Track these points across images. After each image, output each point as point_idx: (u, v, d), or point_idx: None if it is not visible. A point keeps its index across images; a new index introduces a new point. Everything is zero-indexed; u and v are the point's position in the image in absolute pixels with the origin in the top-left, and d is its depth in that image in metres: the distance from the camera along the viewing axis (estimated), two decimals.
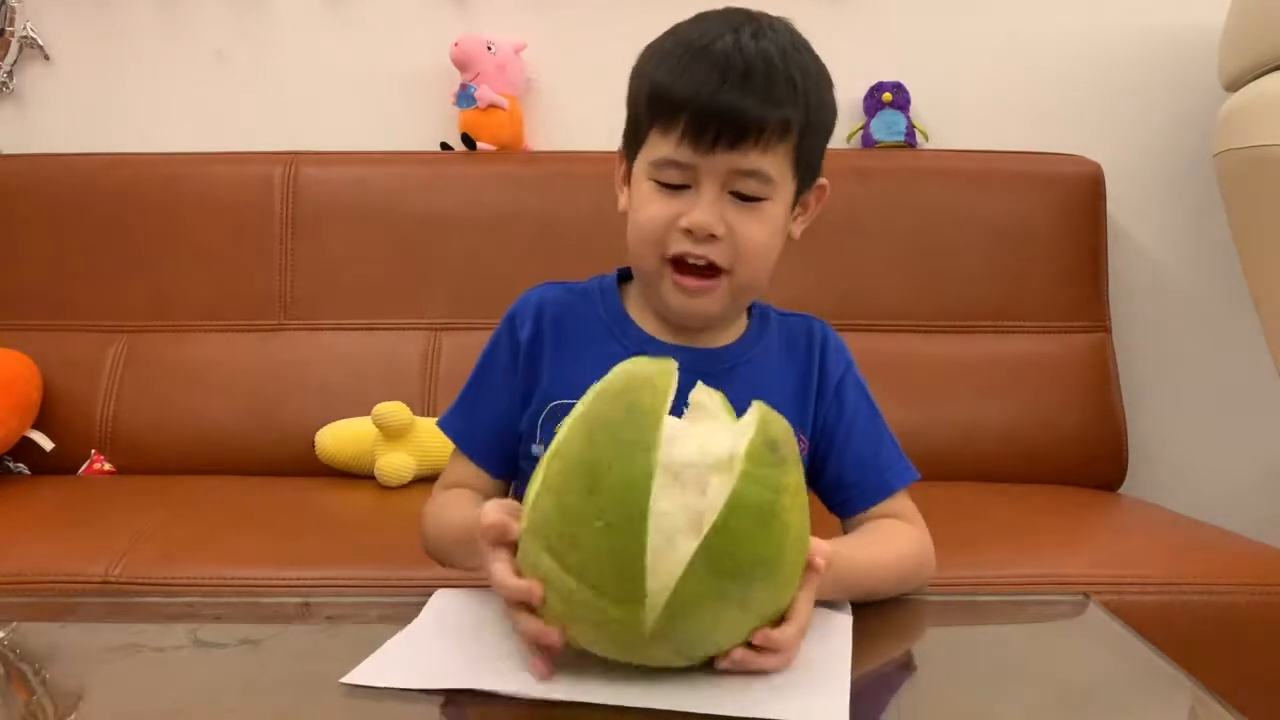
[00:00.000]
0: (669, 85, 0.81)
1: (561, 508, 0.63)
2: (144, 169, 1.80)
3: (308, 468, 1.61)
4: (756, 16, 0.86)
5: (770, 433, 0.64)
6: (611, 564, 0.61)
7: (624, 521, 0.61)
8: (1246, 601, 1.18)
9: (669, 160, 0.82)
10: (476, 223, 1.75)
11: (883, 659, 0.77)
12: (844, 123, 1.87)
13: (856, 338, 1.67)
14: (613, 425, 0.63)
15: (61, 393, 1.69)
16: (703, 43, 0.82)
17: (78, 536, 1.30)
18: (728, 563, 0.61)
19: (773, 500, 0.62)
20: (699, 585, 0.61)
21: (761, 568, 0.63)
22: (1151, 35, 1.85)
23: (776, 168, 0.82)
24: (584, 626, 0.64)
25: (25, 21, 1.90)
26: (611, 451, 0.62)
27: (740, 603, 0.63)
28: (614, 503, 0.61)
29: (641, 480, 0.61)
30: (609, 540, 0.61)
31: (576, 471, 0.63)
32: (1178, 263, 1.87)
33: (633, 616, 0.62)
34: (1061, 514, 1.48)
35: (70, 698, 0.69)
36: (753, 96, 0.79)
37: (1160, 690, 0.71)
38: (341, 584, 1.19)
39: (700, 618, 0.62)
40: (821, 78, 0.86)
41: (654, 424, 0.62)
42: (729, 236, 0.82)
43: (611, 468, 0.61)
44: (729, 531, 0.61)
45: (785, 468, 0.64)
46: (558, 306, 0.92)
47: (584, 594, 0.62)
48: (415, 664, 0.68)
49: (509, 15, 1.87)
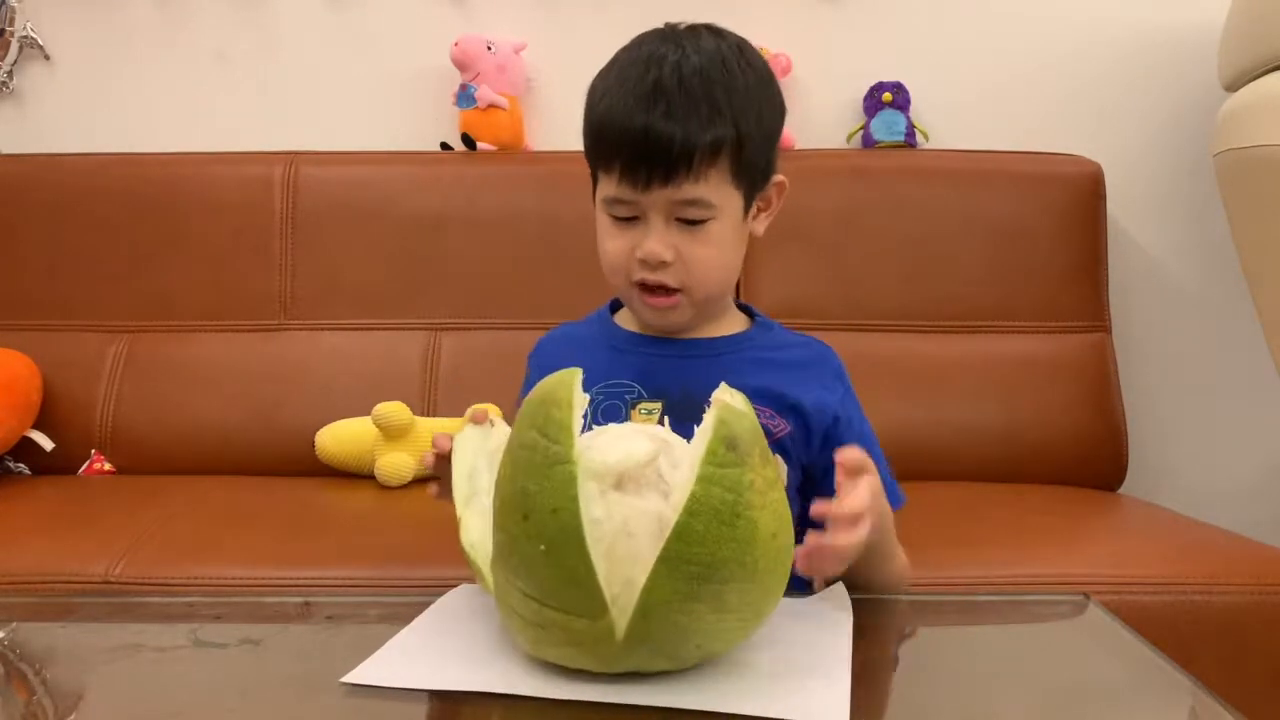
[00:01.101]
0: (602, 127, 0.87)
1: (508, 539, 0.64)
2: (144, 169, 1.81)
3: (308, 468, 1.61)
4: (685, 36, 0.88)
5: (728, 431, 0.63)
6: (564, 583, 0.62)
7: (561, 540, 0.61)
8: (1246, 601, 1.18)
9: (614, 199, 0.87)
10: (476, 223, 1.75)
11: (882, 659, 0.77)
12: (844, 123, 1.87)
13: (856, 338, 1.71)
14: (528, 448, 0.63)
15: (61, 393, 1.69)
16: (631, 77, 0.86)
17: (78, 536, 1.30)
18: (692, 566, 0.61)
19: (734, 500, 0.62)
20: (665, 590, 0.61)
21: (730, 568, 0.62)
22: (1151, 35, 1.85)
23: (714, 190, 0.86)
24: (562, 648, 0.65)
25: (25, 21, 1.90)
26: (533, 474, 0.62)
27: (715, 604, 0.63)
28: (547, 524, 0.61)
29: (566, 495, 0.61)
30: (554, 561, 0.62)
31: (509, 502, 0.64)
32: (1178, 263, 1.87)
33: (603, 627, 0.62)
34: (1061, 514, 1.48)
35: (70, 698, 0.69)
36: (678, 129, 0.83)
37: (1160, 690, 0.71)
38: (341, 584, 1.19)
39: (673, 621, 0.62)
40: (755, 87, 0.88)
41: (566, 436, 0.62)
42: (679, 260, 0.87)
43: (537, 491, 0.62)
44: (690, 534, 0.61)
45: (748, 465, 0.63)
46: (562, 333, 1.02)
47: (553, 616, 0.63)
48: (416, 664, 0.68)
49: (509, 15, 1.87)
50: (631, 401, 0.90)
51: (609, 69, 0.90)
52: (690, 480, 0.62)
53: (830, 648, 0.70)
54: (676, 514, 0.61)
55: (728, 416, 0.64)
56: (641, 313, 0.92)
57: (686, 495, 0.61)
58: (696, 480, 0.61)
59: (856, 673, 0.67)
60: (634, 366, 0.92)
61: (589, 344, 0.96)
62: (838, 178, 1.78)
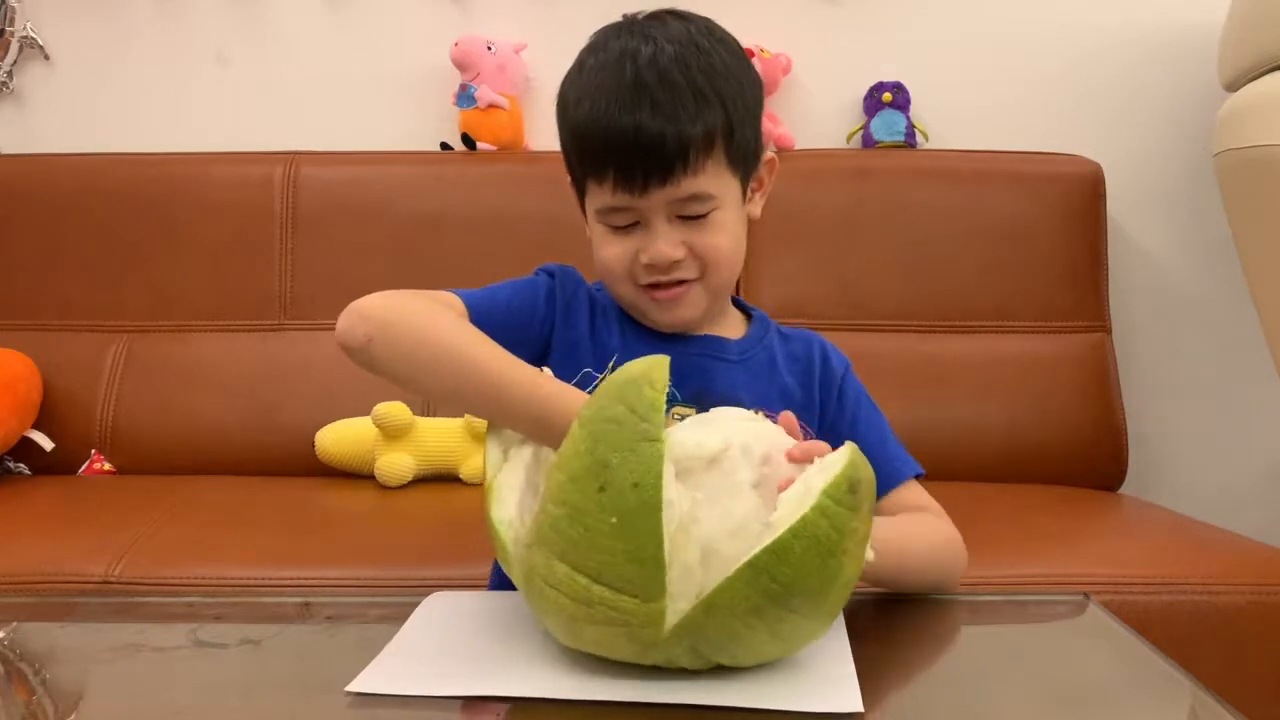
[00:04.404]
0: (587, 134, 0.83)
1: (571, 512, 0.63)
2: (144, 169, 1.81)
3: (308, 468, 1.61)
4: (651, 25, 0.85)
5: (855, 475, 0.64)
6: (628, 559, 0.61)
7: (637, 515, 0.61)
8: (1246, 601, 1.18)
9: (611, 208, 0.84)
10: (476, 223, 1.75)
11: (883, 658, 0.77)
12: (844, 123, 1.87)
13: (856, 338, 1.71)
14: (615, 421, 0.63)
15: (61, 393, 1.69)
16: (608, 77, 0.82)
17: (78, 536, 1.30)
18: (774, 584, 0.61)
19: (837, 539, 0.62)
20: (738, 594, 0.61)
21: (804, 599, 0.63)
22: (1151, 35, 1.85)
23: (713, 181, 0.83)
24: (600, 629, 0.64)
25: (25, 21, 1.90)
26: (617, 448, 0.62)
27: (773, 626, 0.63)
28: (626, 497, 0.61)
29: (651, 472, 0.61)
30: (624, 536, 0.61)
31: (584, 473, 0.63)
32: (1178, 263, 1.87)
33: (654, 611, 0.62)
34: (1061, 514, 1.48)
35: (70, 698, 0.69)
36: (669, 125, 0.80)
37: (1160, 690, 0.71)
38: (341, 584, 1.19)
39: (728, 627, 0.62)
40: (732, 65, 0.85)
41: (656, 416, 0.62)
42: (689, 255, 0.84)
43: (620, 464, 0.62)
44: (786, 553, 0.61)
45: (858, 513, 0.64)
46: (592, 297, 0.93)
47: (602, 594, 0.62)
48: (418, 671, 0.67)
49: (509, 15, 1.87)
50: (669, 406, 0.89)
51: (578, 72, 0.87)
52: (806, 505, 0.62)
53: (830, 641, 0.71)
54: (780, 530, 0.61)
55: (858, 461, 0.64)
56: (651, 312, 0.88)
57: (799, 517, 0.62)
58: (813, 508, 0.62)
59: (857, 672, 0.67)
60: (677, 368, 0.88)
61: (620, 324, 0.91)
62: (838, 178, 1.78)
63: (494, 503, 0.72)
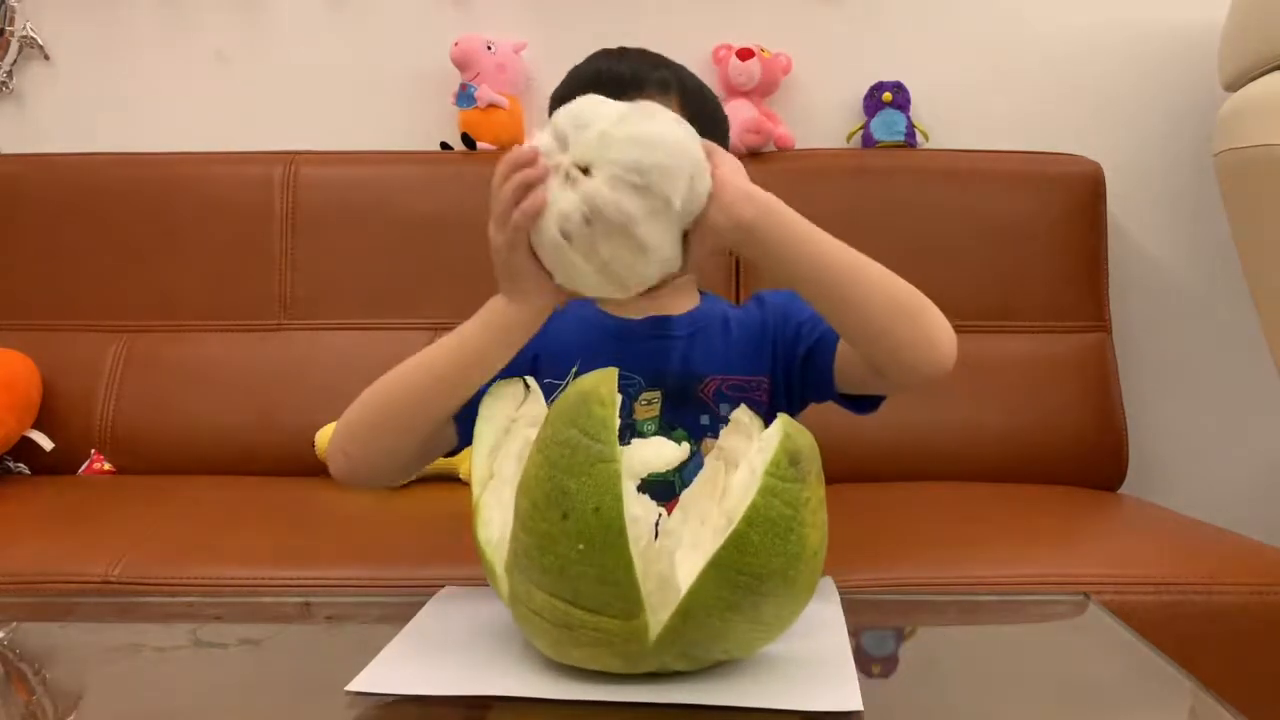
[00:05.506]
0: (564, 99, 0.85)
1: (541, 540, 0.63)
2: (144, 169, 1.81)
3: (308, 468, 1.61)
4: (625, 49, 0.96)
5: (792, 446, 0.63)
6: (600, 583, 0.61)
7: (603, 539, 0.61)
8: (1246, 601, 1.18)
9: None
10: (476, 223, 1.72)
11: (883, 658, 0.77)
12: (844, 122, 1.87)
13: None
14: (568, 445, 0.62)
15: (61, 393, 1.69)
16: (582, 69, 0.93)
17: (78, 536, 1.30)
18: (741, 575, 0.61)
19: (791, 515, 0.62)
20: (709, 594, 0.61)
21: (775, 581, 0.62)
22: (1151, 35, 1.85)
23: None
24: (587, 649, 0.64)
25: (25, 21, 1.90)
26: (573, 473, 0.62)
27: (753, 614, 0.63)
28: (589, 523, 0.61)
29: (610, 493, 0.61)
30: (593, 561, 0.61)
31: (545, 501, 0.63)
32: (1178, 263, 1.87)
33: (636, 627, 0.62)
34: (1061, 514, 1.48)
35: (70, 698, 0.69)
36: (626, 67, 0.90)
37: (1160, 690, 0.71)
38: (341, 584, 1.19)
39: (710, 626, 0.63)
40: (696, 79, 0.95)
41: (608, 434, 0.62)
42: None
43: (578, 490, 0.61)
44: (745, 544, 0.61)
45: (806, 483, 0.63)
46: None
47: (582, 617, 0.63)
48: (419, 670, 0.68)
49: (509, 15, 1.87)
50: (635, 394, 0.90)
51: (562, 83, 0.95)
52: (751, 490, 0.62)
53: (829, 640, 0.71)
54: (734, 522, 0.61)
55: (792, 431, 0.64)
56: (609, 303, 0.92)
57: (747, 505, 0.61)
58: (759, 491, 0.61)
59: (857, 672, 0.67)
60: (634, 354, 0.91)
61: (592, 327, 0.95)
62: (838, 178, 1.78)
63: (479, 524, 0.72)
